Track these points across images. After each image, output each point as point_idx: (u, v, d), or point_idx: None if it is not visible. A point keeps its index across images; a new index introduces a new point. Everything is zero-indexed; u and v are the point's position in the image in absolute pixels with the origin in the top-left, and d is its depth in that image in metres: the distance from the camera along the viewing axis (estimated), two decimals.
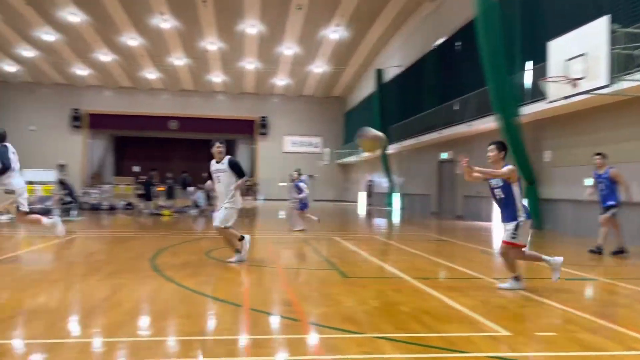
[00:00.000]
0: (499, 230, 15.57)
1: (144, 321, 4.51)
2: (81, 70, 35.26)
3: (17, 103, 37.22)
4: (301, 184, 13.18)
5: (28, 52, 31.45)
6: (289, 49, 30.68)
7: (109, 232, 13.34)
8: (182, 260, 7.76)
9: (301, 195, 13.09)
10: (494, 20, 14.61)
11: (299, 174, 13.50)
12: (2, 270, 6.81)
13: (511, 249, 5.82)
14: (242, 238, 7.60)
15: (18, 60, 33.02)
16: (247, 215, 19.59)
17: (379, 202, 30.90)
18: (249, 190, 36.25)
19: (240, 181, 7.43)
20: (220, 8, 25.33)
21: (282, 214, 21.45)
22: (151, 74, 36.05)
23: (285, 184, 37.58)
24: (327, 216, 20.19)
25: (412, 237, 12.98)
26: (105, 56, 32.23)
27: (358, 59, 32.64)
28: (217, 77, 36.71)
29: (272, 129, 40.73)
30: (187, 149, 41.22)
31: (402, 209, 26.71)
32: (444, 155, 22.08)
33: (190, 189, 21.12)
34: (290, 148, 41.10)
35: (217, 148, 7.43)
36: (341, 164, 40.15)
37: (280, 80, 37.37)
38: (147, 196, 19.83)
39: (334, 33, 28.16)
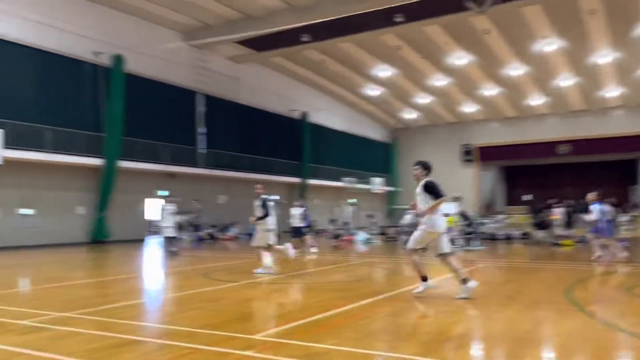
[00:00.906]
0: None
1: None
2: (469, 108, 37.65)
3: (416, 144, 42.48)
4: (593, 206, 12.13)
5: (424, 99, 35.83)
6: None
7: (510, 262, 13.41)
8: (602, 296, 7.12)
9: (591, 219, 12.07)
10: None
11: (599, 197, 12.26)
12: (419, 300, 7.65)
13: None
14: (425, 279, 7.00)
15: (416, 107, 38.04)
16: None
17: None
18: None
19: (434, 202, 6.87)
20: (611, 16, 22.88)
21: None
22: (536, 100, 35.33)
23: None
24: None
25: None
26: (489, 91, 33.54)
27: None
28: (612, 91, 32.98)
29: None
30: (579, 173, 38.18)
31: None
32: None
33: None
34: None
35: (414, 171, 7.31)
36: None
37: None
38: (543, 225, 19.14)
39: None
